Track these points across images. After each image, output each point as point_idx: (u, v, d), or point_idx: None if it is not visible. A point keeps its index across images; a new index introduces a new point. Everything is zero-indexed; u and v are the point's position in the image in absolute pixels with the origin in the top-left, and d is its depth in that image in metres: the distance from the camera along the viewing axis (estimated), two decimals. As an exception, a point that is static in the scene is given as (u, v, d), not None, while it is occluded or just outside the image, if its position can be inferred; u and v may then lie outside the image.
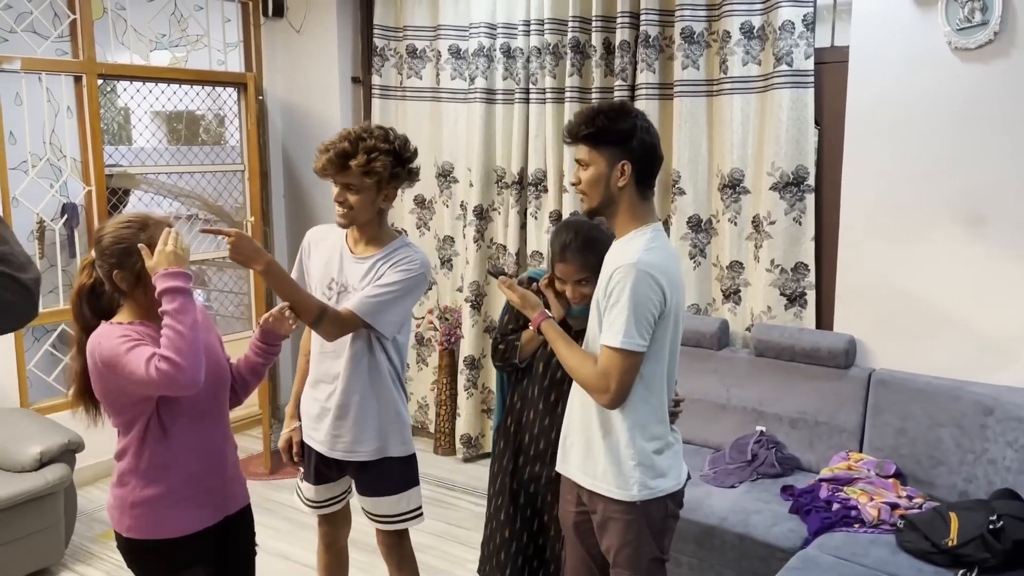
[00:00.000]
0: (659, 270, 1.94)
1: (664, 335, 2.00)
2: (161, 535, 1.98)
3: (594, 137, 1.99)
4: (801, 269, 3.53)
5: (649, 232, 2.01)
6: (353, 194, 2.32)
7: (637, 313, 1.92)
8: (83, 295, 1.99)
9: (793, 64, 3.41)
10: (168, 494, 1.97)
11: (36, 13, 4.06)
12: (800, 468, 3.30)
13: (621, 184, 1.98)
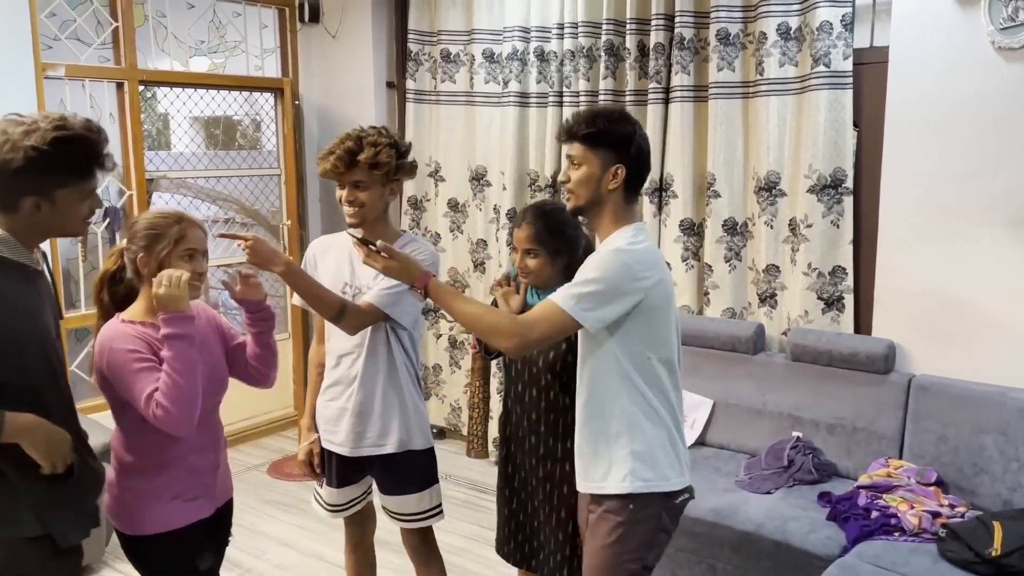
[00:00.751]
0: (641, 265, 1.93)
1: (644, 333, 1.96)
2: (159, 529, 2.01)
3: (592, 137, 1.99)
4: (839, 273, 3.49)
5: (632, 230, 2.01)
6: (362, 191, 2.38)
7: (601, 290, 1.89)
8: (105, 280, 2.06)
9: (831, 65, 3.37)
10: (164, 489, 2.01)
11: (80, 21, 4.14)
12: (837, 475, 3.25)
13: (612, 187, 1.98)
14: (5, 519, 1.76)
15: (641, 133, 2.03)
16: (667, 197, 3.90)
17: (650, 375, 2.00)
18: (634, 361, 1.98)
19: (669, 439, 2.04)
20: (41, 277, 1.87)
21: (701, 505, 3.02)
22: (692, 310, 3.90)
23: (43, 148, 1.69)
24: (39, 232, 1.81)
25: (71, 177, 1.76)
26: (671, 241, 3.90)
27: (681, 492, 2.07)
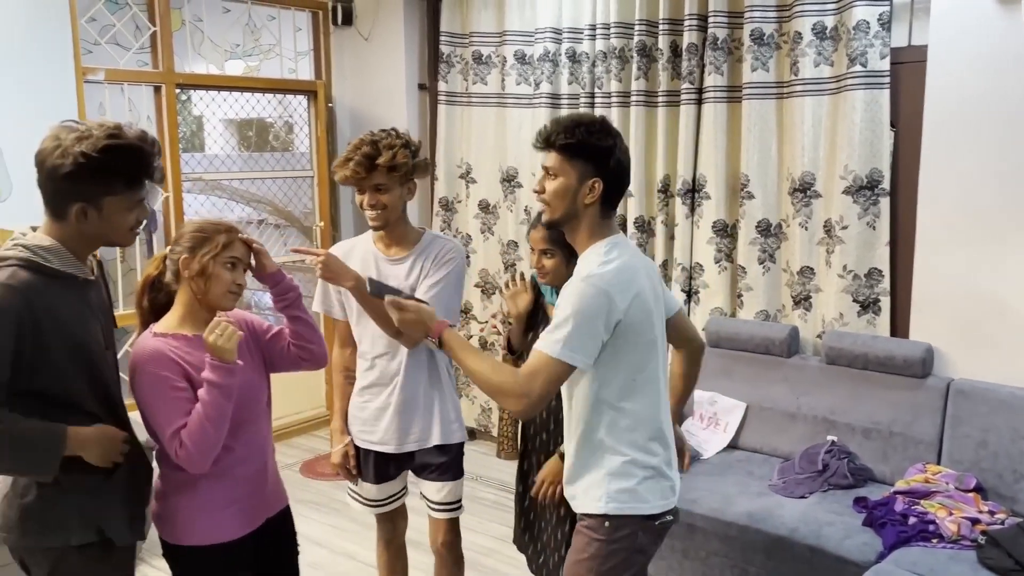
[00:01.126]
0: (613, 285, 1.85)
1: (624, 352, 1.90)
2: (205, 541, 2.00)
3: (570, 148, 1.89)
4: (875, 275, 3.44)
5: (605, 245, 1.93)
6: (383, 193, 2.42)
7: (581, 328, 1.82)
8: (147, 286, 2.07)
9: (868, 65, 3.32)
10: (211, 501, 2.00)
11: (119, 26, 4.21)
12: (873, 480, 3.20)
13: (588, 201, 1.90)
14: (52, 526, 1.79)
15: (622, 146, 1.94)
16: (700, 198, 3.87)
17: (634, 396, 1.94)
18: (616, 382, 1.92)
19: (650, 461, 1.97)
20: (91, 286, 1.87)
21: (734, 509, 3.00)
22: (725, 312, 3.87)
23: (93, 155, 1.70)
24: (86, 241, 1.82)
25: (119, 185, 1.77)
26: (704, 242, 3.87)
27: (661, 515, 2.00)
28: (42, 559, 1.82)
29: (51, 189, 1.75)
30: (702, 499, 3.09)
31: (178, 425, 1.88)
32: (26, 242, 1.76)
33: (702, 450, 3.52)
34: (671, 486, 2.02)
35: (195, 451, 1.87)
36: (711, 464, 3.42)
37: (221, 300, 1.99)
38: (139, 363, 1.92)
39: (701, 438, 3.59)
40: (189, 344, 1.95)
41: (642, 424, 1.96)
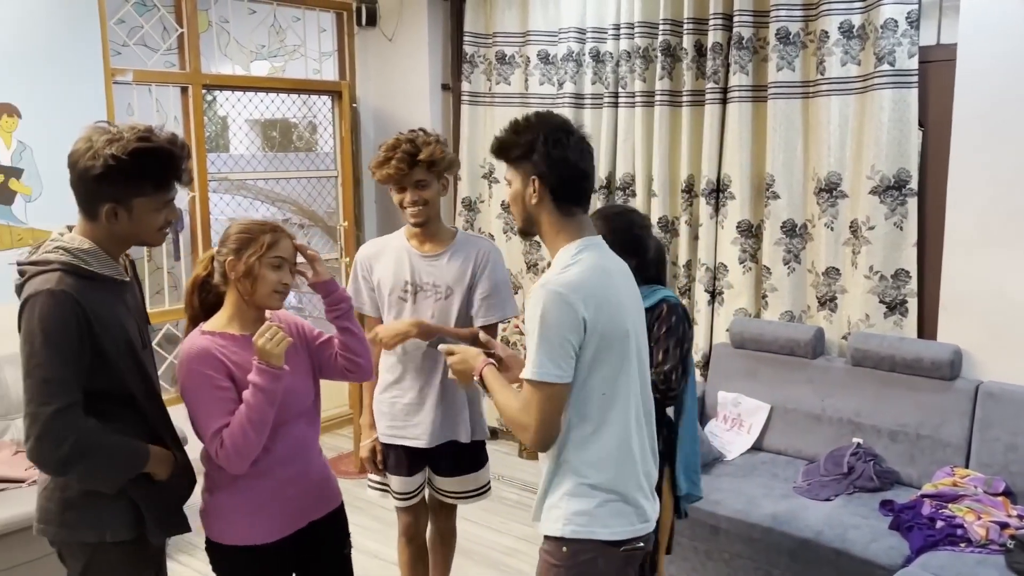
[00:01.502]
0: (573, 290, 1.72)
1: (591, 361, 1.76)
2: (241, 542, 2.02)
3: (502, 153, 1.85)
4: (902, 276, 3.41)
5: (575, 247, 1.80)
6: (425, 189, 2.48)
7: (548, 340, 1.71)
8: (195, 286, 2.08)
9: (896, 63, 3.29)
10: (249, 502, 2.00)
11: (147, 27, 4.26)
12: (900, 483, 3.18)
13: (535, 201, 1.81)
14: (89, 522, 1.83)
15: (552, 137, 1.79)
16: (724, 198, 3.85)
17: (601, 414, 1.79)
18: (582, 397, 1.78)
19: (614, 486, 1.81)
20: (127, 287, 1.91)
21: (758, 510, 2.99)
22: (749, 313, 3.85)
23: (122, 158, 1.73)
24: (118, 241, 1.85)
25: (148, 187, 1.80)
26: (728, 243, 3.85)
27: (627, 542, 1.83)
28: (79, 552, 1.86)
29: (83, 190, 1.79)
30: (726, 500, 3.08)
31: (219, 424, 1.90)
32: (66, 245, 1.79)
33: (726, 451, 3.51)
34: (639, 512, 1.84)
35: (233, 452, 1.89)
36: (735, 465, 3.40)
37: (267, 300, 1.99)
38: (186, 360, 1.94)
39: (725, 439, 3.57)
40: (236, 343, 1.97)
41: (609, 445, 1.80)
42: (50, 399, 1.71)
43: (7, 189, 3.67)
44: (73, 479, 1.80)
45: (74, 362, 1.73)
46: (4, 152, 3.65)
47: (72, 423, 1.73)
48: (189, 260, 4.57)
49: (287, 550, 2.07)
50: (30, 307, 1.73)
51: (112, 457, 1.81)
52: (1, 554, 2.97)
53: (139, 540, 1.88)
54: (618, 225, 2.37)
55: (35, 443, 1.72)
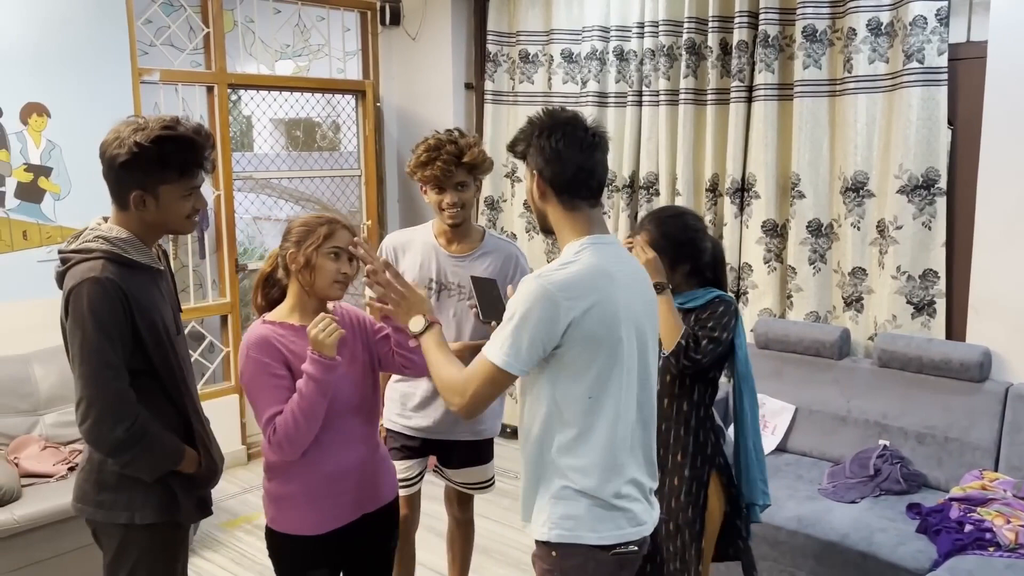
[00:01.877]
0: (565, 290, 1.68)
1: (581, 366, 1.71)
2: (292, 531, 2.06)
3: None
4: (930, 276, 3.36)
5: (578, 245, 1.76)
6: (464, 191, 2.49)
7: (519, 332, 1.68)
8: (261, 282, 2.17)
9: (925, 61, 3.25)
10: (302, 492, 2.04)
11: (174, 27, 4.30)
12: (927, 486, 3.14)
13: (538, 196, 1.81)
14: (121, 504, 1.91)
15: (545, 131, 1.77)
16: (749, 198, 3.82)
17: (589, 418, 1.74)
18: (568, 401, 1.73)
19: (599, 492, 1.75)
20: (161, 276, 1.98)
21: (782, 513, 2.96)
22: (774, 313, 3.81)
23: (145, 145, 1.79)
24: (148, 228, 1.91)
25: (172, 174, 1.85)
26: (752, 242, 3.82)
27: (617, 546, 1.78)
28: (112, 533, 1.94)
29: (112, 178, 1.85)
30: (750, 502, 3.05)
31: (273, 411, 1.96)
32: (105, 234, 1.85)
33: (750, 452, 3.48)
34: (629, 517, 1.79)
35: (284, 439, 1.94)
36: (759, 467, 3.37)
37: (328, 290, 2.03)
38: (245, 348, 2.01)
39: (749, 440, 3.54)
40: (295, 333, 2.02)
41: (595, 451, 1.75)
42: (108, 383, 1.80)
43: (36, 187, 3.72)
44: (124, 461, 1.86)
45: (122, 347, 1.81)
46: (34, 151, 3.70)
47: (130, 407, 1.83)
48: (214, 258, 4.60)
49: (337, 541, 2.10)
50: (77, 294, 1.79)
51: (161, 447, 1.89)
52: (32, 547, 3.00)
53: (168, 524, 1.95)
54: (670, 229, 2.33)
55: (92, 425, 1.80)
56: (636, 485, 1.81)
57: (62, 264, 1.87)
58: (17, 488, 3.06)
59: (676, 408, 2.35)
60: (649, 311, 1.87)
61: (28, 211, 3.70)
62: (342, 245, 2.03)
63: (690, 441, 2.35)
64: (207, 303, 4.55)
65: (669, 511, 2.35)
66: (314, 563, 2.09)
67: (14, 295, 3.50)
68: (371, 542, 2.19)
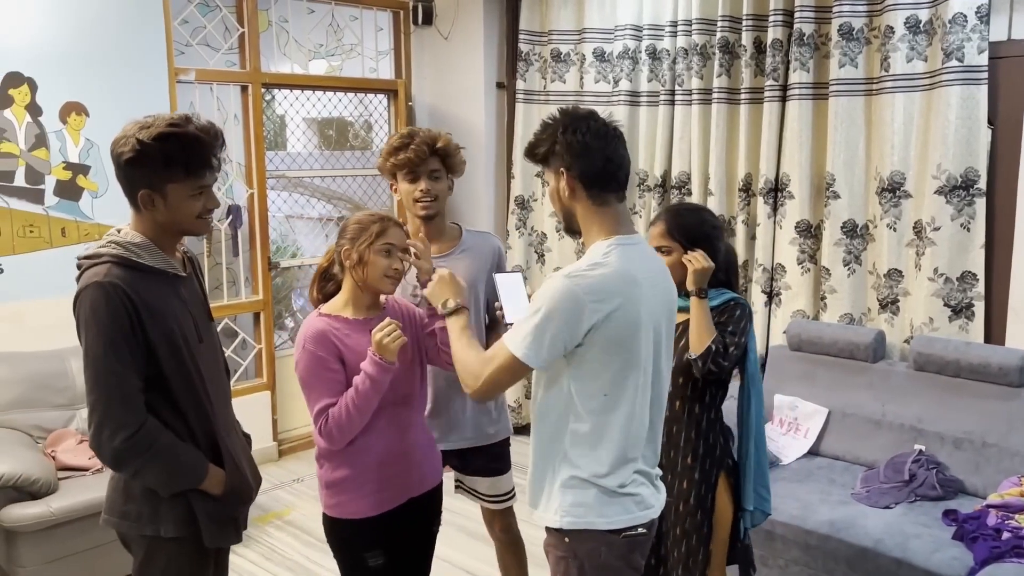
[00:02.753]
0: (592, 293, 1.70)
1: (600, 365, 1.75)
2: (345, 515, 2.15)
3: (534, 154, 1.86)
4: (968, 279, 3.30)
5: (607, 246, 1.78)
6: (437, 181, 2.46)
7: (542, 328, 1.71)
8: (319, 276, 2.26)
9: (964, 60, 3.19)
10: (353, 478, 2.13)
11: (209, 27, 4.35)
12: (964, 492, 3.08)
13: (567, 194, 1.81)
14: (148, 516, 1.87)
15: (570, 125, 1.79)
16: (783, 198, 3.78)
17: (603, 414, 1.78)
18: (584, 396, 1.77)
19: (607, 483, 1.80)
20: (182, 282, 1.92)
21: (815, 517, 2.93)
22: (807, 315, 3.77)
23: (147, 142, 1.76)
24: (163, 229, 1.87)
25: (178, 172, 1.80)
26: (786, 243, 3.78)
27: (627, 529, 1.82)
28: (139, 543, 1.91)
29: (121, 177, 1.83)
30: (781, 506, 3.02)
31: (325, 403, 2.05)
32: (119, 238, 1.83)
33: (781, 455, 3.44)
34: (638, 500, 1.83)
35: (336, 430, 2.04)
36: (790, 470, 3.34)
37: (379, 284, 2.12)
38: (303, 340, 2.09)
39: (780, 443, 3.50)
40: (349, 327, 2.12)
41: (606, 446, 1.79)
42: (110, 389, 1.76)
43: (75, 186, 3.79)
44: (129, 472, 1.82)
45: (128, 352, 1.76)
46: (72, 149, 3.77)
47: (133, 415, 1.77)
48: (247, 256, 4.65)
49: (387, 525, 2.18)
50: (81, 300, 1.77)
51: (173, 461, 1.83)
52: (66, 540, 3.06)
53: (194, 537, 1.91)
54: (687, 221, 2.36)
55: (95, 431, 1.78)
56: (643, 474, 1.87)
57: (78, 270, 1.86)
58: (54, 481, 3.12)
59: (687, 410, 2.36)
60: (669, 311, 1.90)
61: (67, 209, 3.76)
62: (394, 242, 2.12)
63: (700, 444, 2.35)
64: (240, 300, 4.60)
65: (677, 515, 2.36)
66: (369, 545, 2.17)
67: (53, 291, 3.56)
68: (417, 526, 2.28)
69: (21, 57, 3.59)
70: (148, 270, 1.82)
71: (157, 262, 1.84)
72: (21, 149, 3.62)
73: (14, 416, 3.38)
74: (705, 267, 2.27)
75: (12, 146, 3.60)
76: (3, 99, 3.55)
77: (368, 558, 2.16)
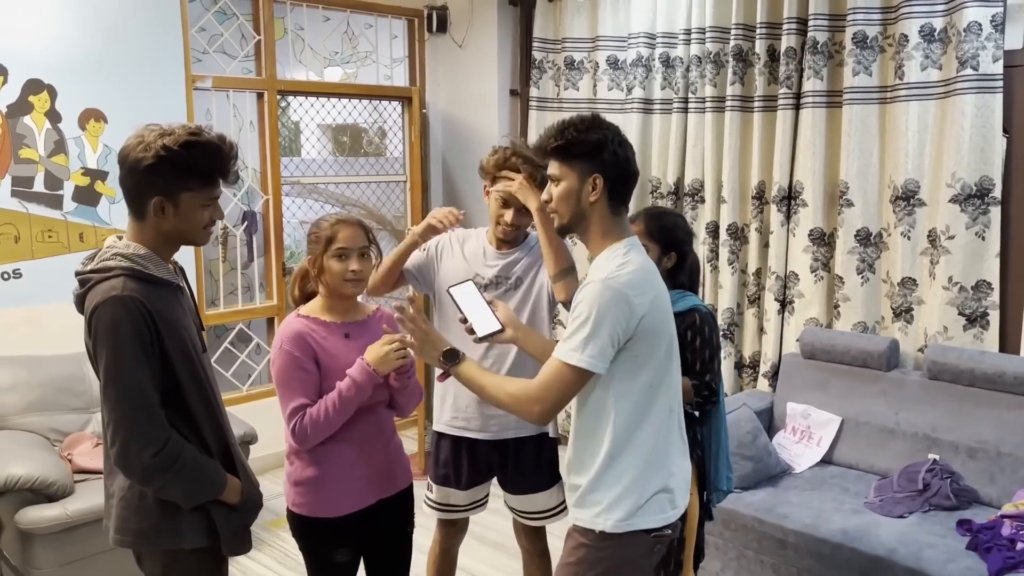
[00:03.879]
0: (632, 288, 1.78)
1: (643, 357, 1.82)
2: (313, 514, 2.17)
3: (564, 150, 1.86)
4: (983, 287, 3.29)
5: (624, 246, 1.86)
6: (523, 216, 2.48)
7: (599, 332, 1.76)
8: (298, 278, 2.31)
9: (979, 68, 3.18)
10: (323, 477, 2.16)
11: (226, 35, 4.39)
12: (978, 502, 3.06)
13: (593, 199, 1.85)
14: (167, 532, 1.85)
15: (616, 137, 1.87)
16: (796, 206, 3.78)
17: (645, 413, 1.84)
18: (631, 396, 1.83)
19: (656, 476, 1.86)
20: (181, 292, 1.92)
21: (828, 525, 2.92)
22: (820, 323, 3.76)
23: (174, 148, 1.74)
24: (166, 240, 1.84)
25: (196, 181, 1.80)
26: (799, 251, 3.78)
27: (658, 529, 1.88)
28: (157, 558, 1.90)
29: (132, 184, 1.79)
30: (794, 514, 3.01)
31: (299, 402, 2.09)
32: (124, 251, 1.79)
33: (794, 464, 3.43)
34: (671, 500, 1.90)
35: (311, 429, 2.08)
36: (803, 478, 3.33)
37: (341, 288, 2.16)
38: (280, 340, 2.14)
39: (793, 451, 3.49)
40: (326, 329, 2.17)
41: (648, 437, 1.85)
42: (135, 405, 1.74)
43: (93, 191, 3.83)
44: (155, 488, 1.80)
45: (148, 366, 1.75)
46: (91, 155, 3.81)
47: (159, 430, 1.76)
48: (262, 261, 4.68)
49: (357, 524, 2.21)
50: (99, 314, 1.73)
51: (197, 473, 1.83)
52: (82, 543, 3.08)
53: (214, 547, 1.91)
54: (667, 223, 2.47)
55: (120, 449, 1.75)
56: (681, 468, 1.93)
57: (81, 286, 1.80)
58: (70, 483, 3.15)
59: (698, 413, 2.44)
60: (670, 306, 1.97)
61: (85, 214, 3.81)
62: (347, 245, 2.14)
63: None
64: (254, 305, 4.63)
65: None
66: (335, 544, 2.20)
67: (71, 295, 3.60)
68: (388, 526, 2.31)
69: (41, 64, 3.64)
70: (157, 281, 1.81)
71: (163, 273, 1.83)
72: (40, 155, 3.67)
73: (31, 419, 3.41)
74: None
75: (32, 152, 3.64)
76: (23, 106, 3.60)
77: (335, 555, 2.20)
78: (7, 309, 3.60)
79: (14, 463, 3.03)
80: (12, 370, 3.44)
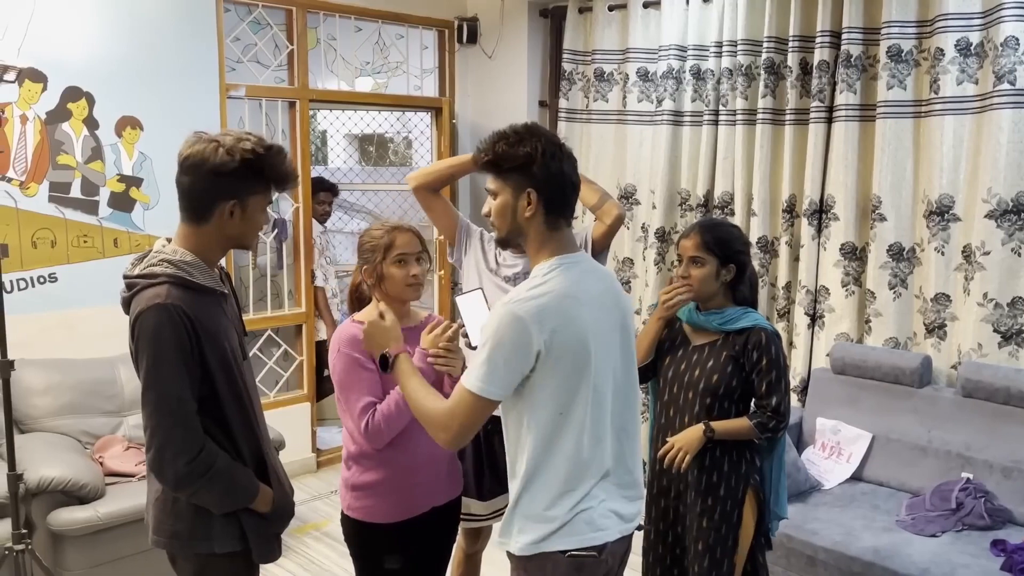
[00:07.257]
0: (536, 316, 1.68)
1: (551, 386, 1.73)
2: (369, 519, 2.18)
3: (495, 164, 1.80)
4: (1019, 304, 3.24)
5: (548, 266, 1.77)
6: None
7: (494, 358, 1.69)
8: (354, 289, 2.34)
9: (1016, 83, 3.15)
10: (379, 483, 2.17)
11: (260, 45, 4.45)
12: (1013, 522, 3.01)
13: (528, 214, 1.77)
14: (200, 536, 1.87)
15: (548, 150, 1.76)
16: (827, 220, 3.75)
17: (558, 435, 1.75)
18: (540, 418, 1.75)
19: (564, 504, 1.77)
20: (226, 299, 1.93)
21: (858, 543, 2.88)
22: (851, 338, 3.72)
23: (260, 152, 1.79)
24: (221, 244, 1.86)
25: (262, 184, 1.84)
26: (830, 265, 3.75)
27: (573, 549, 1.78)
28: (192, 560, 1.91)
29: (204, 188, 1.79)
30: (823, 531, 2.98)
31: (366, 401, 2.11)
32: (171, 257, 1.81)
33: (823, 480, 3.40)
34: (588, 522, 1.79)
35: (384, 424, 2.09)
36: (832, 495, 3.29)
37: (403, 294, 2.21)
38: (337, 345, 2.17)
39: (823, 468, 3.46)
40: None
41: (558, 471, 1.76)
42: (172, 413, 1.76)
43: (128, 197, 3.88)
44: (187, 494, 1.82)
45: (187, 375, 1.76)
46: (127, 162, 3.87)
47: (194, 439, 1.78)
48: (291, 268, 4.72)
49: (408, 532, 2.21)
50: (142, 321, 1.75)
51: (229, 482, 1.84)
52: (112, 545, 3.11)
53: (246, 552, 1.92)
54: (722, 235, 2.40)
55: (155, 455, 1.77)
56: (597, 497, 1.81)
57: (128, 290, 1.83)
58: (101, 486, 3.18)
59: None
60: (623, 324, 1.88)
61: (119, 220, 3.86)
62: (405, 250, 2.18)
63: (725, 461, 2.37)
64: (283, 312, 4.66)
65: (700, 530, 2.36)
66: (388, 550, 2.20)
67: (104, 300, 3.64)
68: (436, 535, 2.31)
69: (80, 72, 3.70)
70: (201, 289, 1.82)
71: (207, 281, 1.83)
72: (78, 161, 3.73)
73: (64, 421, 3.46)
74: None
75: (69, 158, 3.70)
76: (62, 113, 3.67)
77: (387, 561, 2.20)
78: (42, 313, 3.65)
79: (47, 465, 3.07)
80: (46, 373, 3.48)
